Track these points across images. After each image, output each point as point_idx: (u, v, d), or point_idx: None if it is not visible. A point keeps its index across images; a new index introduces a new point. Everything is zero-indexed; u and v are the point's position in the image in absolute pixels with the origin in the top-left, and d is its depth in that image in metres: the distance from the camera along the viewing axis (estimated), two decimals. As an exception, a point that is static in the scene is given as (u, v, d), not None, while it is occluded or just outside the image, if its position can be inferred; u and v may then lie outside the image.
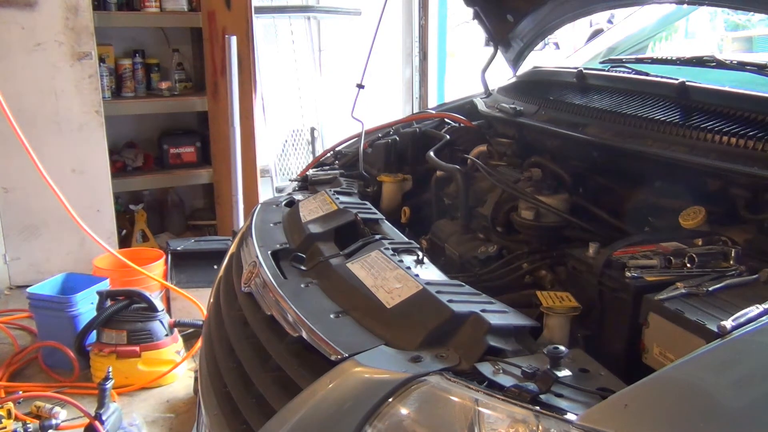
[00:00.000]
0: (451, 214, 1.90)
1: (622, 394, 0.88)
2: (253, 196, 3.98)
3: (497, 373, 1.00)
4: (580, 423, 0.85)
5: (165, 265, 3.57)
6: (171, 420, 2.83)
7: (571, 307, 1.21)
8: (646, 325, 1.10)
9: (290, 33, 4.83)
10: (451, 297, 1.16)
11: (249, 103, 3.94)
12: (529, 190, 1.63)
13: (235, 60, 3.72)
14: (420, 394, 0.96)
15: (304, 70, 4.89)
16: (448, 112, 2.40)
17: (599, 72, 1.99)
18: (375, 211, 1.67)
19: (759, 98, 1.43)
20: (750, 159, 1.27)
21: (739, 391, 0.86)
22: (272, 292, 1.33)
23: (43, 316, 3.17)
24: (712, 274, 1.16)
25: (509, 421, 0.88)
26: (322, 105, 4.91)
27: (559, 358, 0.99)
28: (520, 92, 2.12)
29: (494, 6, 2.21)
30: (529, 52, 2.41)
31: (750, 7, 1.93)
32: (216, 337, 1.50)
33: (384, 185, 2.08)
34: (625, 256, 1.23)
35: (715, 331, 0.94)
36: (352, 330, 1.16)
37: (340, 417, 0.99)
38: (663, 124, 1.48)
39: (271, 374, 1.23)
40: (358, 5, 4.97)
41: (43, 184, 3.22)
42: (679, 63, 1.98)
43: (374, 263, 1.34)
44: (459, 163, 1.92)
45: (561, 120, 1.77)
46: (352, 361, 1.04)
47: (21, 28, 3.73)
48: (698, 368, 0.89)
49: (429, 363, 1.02)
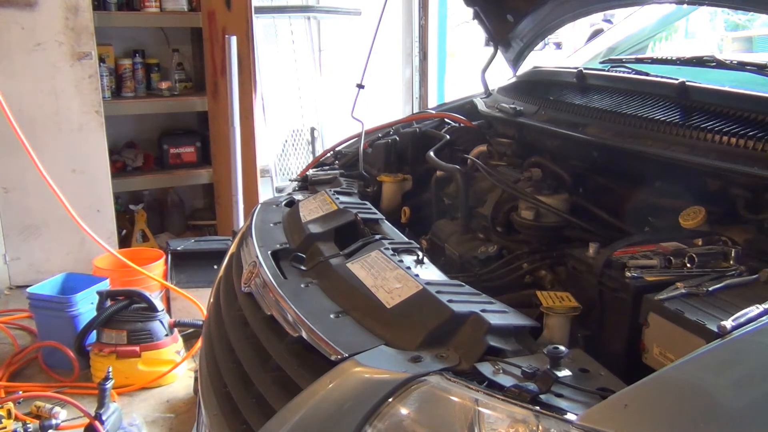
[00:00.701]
0: (451, 214, 1.90)
1: (622, 394, 0.88)
2: (253, 196, 3.98)
3: (497, 373, 0.99)
4: (580, 423, 0.85)
5: (165, 265, 3.57)
6: (171, 420, 2.83)
7: (571, 307, 1.21)
8: (646, 325, 1.10)
9: (290, 33, 4.83)
10: (451, 297, 1.16)
11: (249, 103, 3.94)
12: (529, 190, 1.63)
13: (235, 60, 3.72)
14: (420, 394, 0.96)
15: (304, 70, 4.89)
16: (448, 112, 2.40)
17: (599, 72, 1.99)
18: (375, 211, 1.67)
19: (759, 98, 1.43)
20: (750, 159, 1.27)
21: (739, 391, 0.86)
22: (272, 292, 1.33)
23: (43, 316, 3.17)
24: (712, 274, 1.16)
25: (509, 421, 0.88)
26: (322, 105, 4.91)
27: (559, 358, 0.99)
28: (520, 92, 2.12)
29: (494, 6, 2.21)
30: (529, 52, 2.41)
31: (750, 7, 1.93)
32: (216, 337, 1.50)
33: (384, 185, 2.08)
34: (625, 256, 1.23)
35: (715, 331, 0.94)
36: (352, 330, 1.16)
37: (340, 417, 0.99)
38: (663, 124, 1.48)
39: (271, 374, 1.23)
40: (358, 5, 4.97)
41: (43, 184, 3.22)
42: (679, 63, 1.98)
43: (374, 263, 1.34)
44: (459, 163, 1.92)
45: (561, 120, 1.77)
46: (352, 361, 1.04)
47: (21, 28, 3.73)
48: (698, 368, 0.89)
49: (429, 363, 1.02)
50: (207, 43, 4.39)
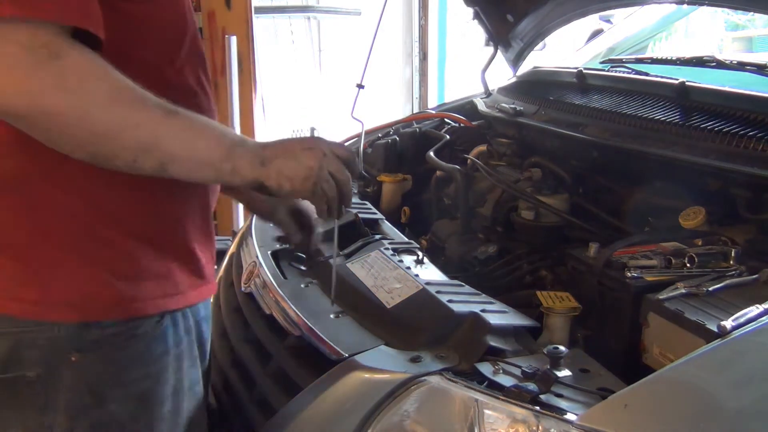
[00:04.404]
0: (451, 214, 1.89)
1: (622, 394, 0.88)
2: (253, 196, 3.98)
3: (497, 373, 1.00)
4: (580, 423, 0.85)
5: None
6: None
7: (571, 307, 1.21)
8: (646, 325, 1.10)
9: (290, 33, 4.83)
10: (451, 297, 1.16)
11: (249, 103, 3.94)
12: (529, 190, 1.63)
13: (235, 60, 3.72)
14: (420, 394, 0.96)
15: (304, 70, 4.88)
16: (448, 112, 2.40)
17: (599, 72, 1.99)
18: (375, 211, 1.67)
19: (759, 98, 1.43)
20: (750, 159, 1.27)
21: (739, 391, 0.86)
22: (272, 292, 1.33)
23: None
24: (712, 274, 1.16)
25: (509, 421, 0.89)
26: (322, 105, 4.90)
27: (559, 358, 0.99)
28: (520, 92, 2.12)
29: (494, 6, 2.21)
30: (529, 52, 2.41)
31: (750, 7, 1.93)
32: (216, 337, 1.49)
33: (384, 185, 2.08)
34: (625, 256, 1.23)
35: (715, 331, 0.94)
36: (352, 330, 1.16)
37: (340, 417, 0.99)
38: (663, 124, 1.48)
39: (271, 374, 1.23)
40: (358, 5, 4.97)
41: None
42: (679, 63, 1.98)
43: (374, 263, 1.34)
44: (459, 163, 1.92)
45: (561, 120, 1.77)
46: (352, 361, 1.04)
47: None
48: (698, 368, 0.89)
49: (429, 363, 1.02)
50: (207, 43, 4.38)
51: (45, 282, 0.91)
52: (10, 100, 0.77)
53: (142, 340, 0.96)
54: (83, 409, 0.93)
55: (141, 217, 0.96)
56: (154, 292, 0.97)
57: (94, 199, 0.92)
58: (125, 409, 0.96)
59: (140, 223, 0.96)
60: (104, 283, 0.93)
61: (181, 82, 0.99)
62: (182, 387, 1.03)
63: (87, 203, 0.92)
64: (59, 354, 0.91)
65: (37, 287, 0.91)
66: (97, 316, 0.92)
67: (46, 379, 0.92)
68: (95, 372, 0.93)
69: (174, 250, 1.00)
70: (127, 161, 0.85)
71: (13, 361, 0.91)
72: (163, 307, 0.98)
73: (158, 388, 0.99)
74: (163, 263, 0.98)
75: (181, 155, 0.87)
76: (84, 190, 0.91)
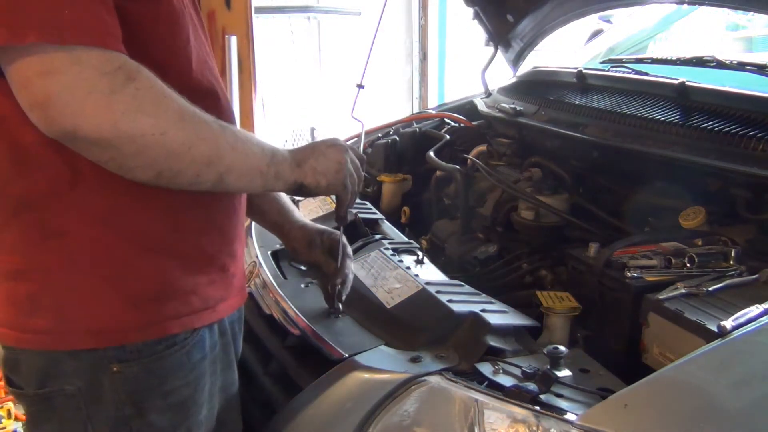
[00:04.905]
0: (451, 214, 1.90)
1: (622, 394, 0.88)
2: (253, 196, 3.98)
3: (497, 373, 1.00)
4: (580, 423, 0.85)
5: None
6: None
7: (571, 307, 1.21)
8: (646, 325, 1.10)
9: (290, 33, 4.83)
10: (451, 297, 1.16)
11: (249, 103, 3.94)
12: (529, 190, 1.63)
13: (235, 60, 3.72)
14: (420, 395, 0.96)
15: (304, 70, 4.88)
16: (448, 112, 2.40)
17: (599, 72, 1.99)
18: (375, 211, 1.67)
19: (759, 98, 1.43)
20: (750, 159, 1.27)
21: (739, 391, 0.86)
22: (272, 292, 1.33)
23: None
24: (712, 274, 1.16)
25: (509, 421, 0.89)
26: (322, 105, 4.90)
27: (559, 358, 0.99)
28: (520, 92, 2.12)
29: (494, 6, 2.21)
30: (529, 52, 2.41)
31: (750, 7, 1.92)
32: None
33: (384, 185, 2.08)
34: (625, 256, 1.23)
35: (715, 331, 0.94)
36: (352, 330, 1.16)
37: (340, 417, 0.99)
38: (663, 124, 1.48)
39: (271, 374, 1.23)
40: (358, 5, 4.97)
41: None
42: (679, 63, 1.98)
43: (374, 263, 1.34)
44: (459, 163, 1.92)
45: (561, 120, 1.77)
46: (352, 361, 1.04)
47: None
48: (698, 368, 0.89)
49: (429, 363, 1.02)
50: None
51: (62, 309, 0.89)
52: (93, 125, 0.76)
53: (182, 348, 0.95)
54: (125, 420, 0.92)
55: (162, 233, 0.93)
56: (180, 311, 0.94)
57: (114, 219, 0.90)
58: (165, 417, 0.95)
59: (161, 239, 0.93)
60: (126, 307, 0.90)
61: (199, 85, 0.98)
62: (216, 390, 1.03)
63: (106, 225, 0.89)
64: (101, 365, 0.90)
65: (53, 314, 0.89)
66: (120, 341, 0.90)
67: (87, 391, 0.91)
68: (137, 382, 0.92)
69: (200, 265, 0.98)
70: (190, 177, 0.85)
71: (50, 375, 0.90)
72: (189, 325, 0.96)
73: (196, 395, 0.98)
74: (189, 279, 0.96)
75: (238, 166, 0.89)
76: (105, 210, 0.89)
